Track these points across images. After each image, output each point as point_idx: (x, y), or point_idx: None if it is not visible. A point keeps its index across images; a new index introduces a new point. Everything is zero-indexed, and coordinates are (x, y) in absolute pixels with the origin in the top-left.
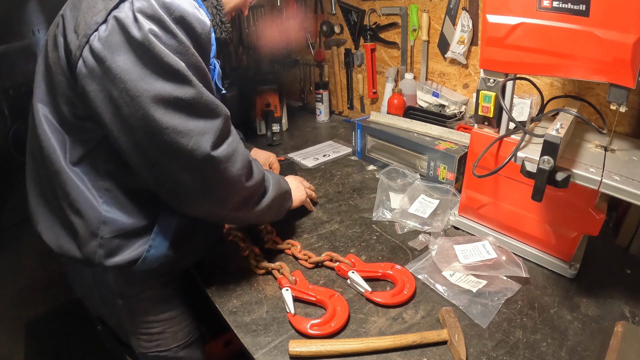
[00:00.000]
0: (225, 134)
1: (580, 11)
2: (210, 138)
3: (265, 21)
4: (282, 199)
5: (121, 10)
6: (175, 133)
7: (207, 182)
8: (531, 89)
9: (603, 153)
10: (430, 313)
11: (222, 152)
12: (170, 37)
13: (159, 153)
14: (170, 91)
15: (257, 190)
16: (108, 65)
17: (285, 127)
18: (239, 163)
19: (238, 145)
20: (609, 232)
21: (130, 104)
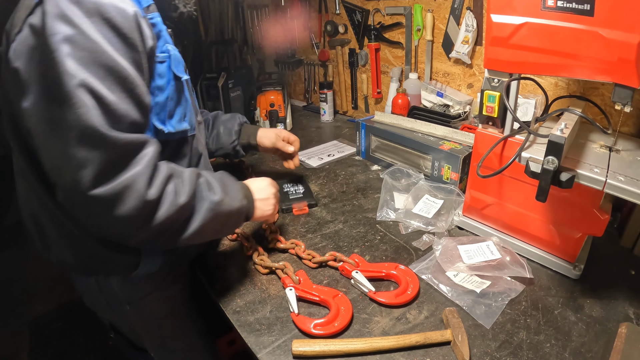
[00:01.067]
0: (116, 167)
1: (584, 11)
2: (91, 172)
3: (270, 21)
4: (222, 223)
5: (35, 15)
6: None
7: (95, 221)
8: (535, 89)
9: (608, 153)
10: (434, 313)
11: (106, 192)
12: (80, 36)
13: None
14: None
15: (170, 224)
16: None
17: (290, 126)
18: (131, 203)
19: (136, 180)
20: (614, 233)
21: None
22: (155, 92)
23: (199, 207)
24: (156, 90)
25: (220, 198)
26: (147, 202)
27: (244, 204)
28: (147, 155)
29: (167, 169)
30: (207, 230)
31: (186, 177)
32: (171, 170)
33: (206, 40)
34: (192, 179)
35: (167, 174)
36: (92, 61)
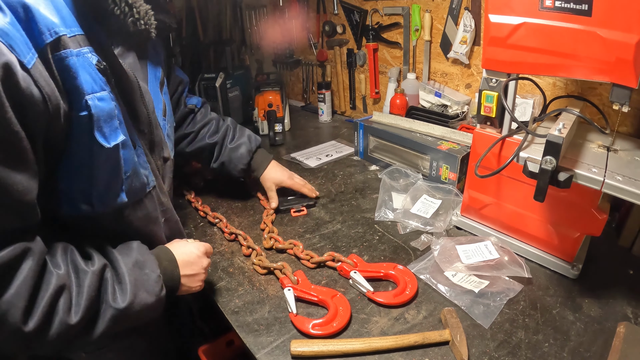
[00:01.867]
0: None
1: (582, 11)
2: None
3: (268, 21)
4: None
5: None
6: None
7: None
8: (534, 89)
9: (606, 153)
10: (433, 313)
11: None
12: None
13: None
14: None
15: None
16: None
17: (288, 127)
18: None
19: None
20: (612, 233)
21: None
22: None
23: (101, 316)
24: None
25: (129, 301)
26: (26, 334)
27: (162, 295)
28: (23, 273)
29: (56, 280)
30: (115, 331)
31: (84, 284)
32: (63, 278)
33: (204, 40)
34: (93, 284)
35: (56, 288)
36: None
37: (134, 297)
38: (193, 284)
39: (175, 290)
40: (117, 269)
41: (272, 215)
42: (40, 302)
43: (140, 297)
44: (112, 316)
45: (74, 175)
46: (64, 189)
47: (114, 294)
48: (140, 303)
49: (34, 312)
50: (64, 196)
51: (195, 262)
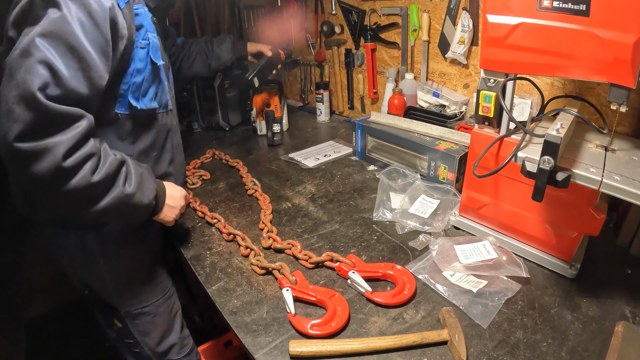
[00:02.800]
0: (42, 130)
1: (580, 11)
2: (19, 127)
3: (266, 21)
4: (127, 214)
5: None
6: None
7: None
8: (532, 89)
9: (603, 153)
10: (431, 313)
11: (26, 148)
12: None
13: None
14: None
15: (77, 196)
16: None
17: (286, 127)
18: (46, 165)
19: (56, 147)
20: (610, 232)
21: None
22: (134, 73)
23: (110, 192)
24: (135, 72)
25: (132, 191)
26: (61, 169)
27: (152, 204)
28: (76, 129)
29: (92, 148)
30: (111, 214)
31: (108, 161)
32: (97, 150)
33: None
34: (114, 165)
35: (91, 152)
36: (60, 39)
37: (136, 190)
38: (170, 214)
39: (158, 209)
40: (129, 169)
41: (270, 215)
42: (79, 153)
43: (139, 195)
44: (117, 197)
45: (133, 79)
46: (122, 91)
47: (124, 183)
48: (137, 199)
49: (73, 155)
50: (121, 98)
51: (177, 198)
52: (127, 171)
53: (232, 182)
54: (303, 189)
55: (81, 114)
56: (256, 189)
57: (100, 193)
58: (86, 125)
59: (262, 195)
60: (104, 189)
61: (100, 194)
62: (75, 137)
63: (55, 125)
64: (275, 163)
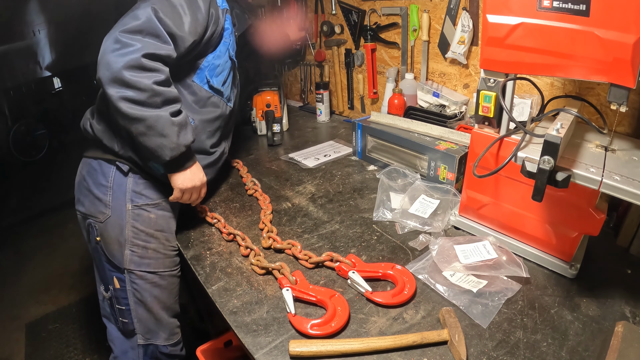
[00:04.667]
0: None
1: (580, 11)
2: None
3: (266, 21)
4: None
5: None
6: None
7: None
8: (531, 89)
9: (603, 153)
10: (431, 313)
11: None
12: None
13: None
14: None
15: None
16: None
17: (286, 127)
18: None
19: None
20: (610, 232)
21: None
22: (215, 57)
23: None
24: (216, 56)
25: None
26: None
27: (180, 148)
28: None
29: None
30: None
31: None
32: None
33: None
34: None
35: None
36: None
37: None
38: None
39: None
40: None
41: (270, 215)
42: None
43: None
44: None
45: (213, 62)
46: (203, 67)
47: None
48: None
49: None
50: (201, 72)
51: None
52: (180, 109)
53: (232, 182)
54: (303, 189)
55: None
56: (256, 189)
57: (150, 102)
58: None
59: (262, 195)
60: (155, 101)
61: (149, 102)
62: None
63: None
64: (275, 163)
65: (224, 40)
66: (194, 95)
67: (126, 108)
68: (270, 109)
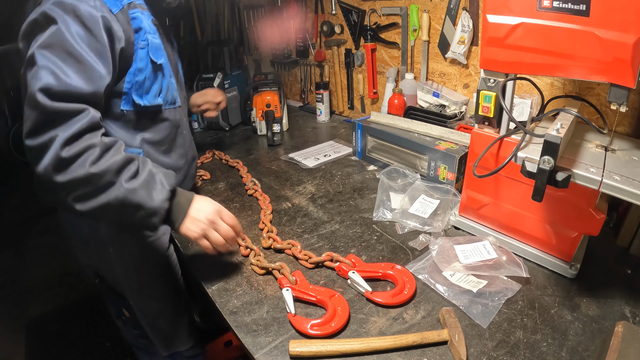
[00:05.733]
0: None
1: (580, 11)
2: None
3: (266, 21)
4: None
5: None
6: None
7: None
8: (531, 89)
9: (603, 153)
10: (431, 313)
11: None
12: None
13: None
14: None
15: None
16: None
17: (286, 127)
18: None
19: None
20: (610, 232)
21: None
22: (136, 72)
23: (111, 186)
24: (137, 71)
25: (133, 187)
26: (59, 158)
27: (162, 208)
28: (78, 122)
29: (95, 140)
30: (112, 210)
31: (115, 156)
32: (101, 143)
33: (202, 40)
34: (119, 160)
35: (92, 143)
36: (59, 48)
37: (138, 188)
38: (192, 227)
39: (175, 218)
40: (140, 167)
41: (270, 215)
42: (78, 143)
43: (143, 193)
44: (118, 191)
45: (135, 78)
46: (127, 89)
47: (131, 177)
48: (141, 198)
49: (72, 144)
50: (126, 95)
51: (207, 211)
52: (137, 169)
53: (232, 182)
54: (303, 189)
55: (82, 109)
56: (256, 189)
57: (100, 186)
58: (88, 119)
59: (262, 195)
60: (104, 181)
61: (100, 187)
62: (75, 129)
63: (57, 121)
64: (275, 163)
65: (139, 46)
66: (129, 122)
67: (81, 207)
68: (270, 109)
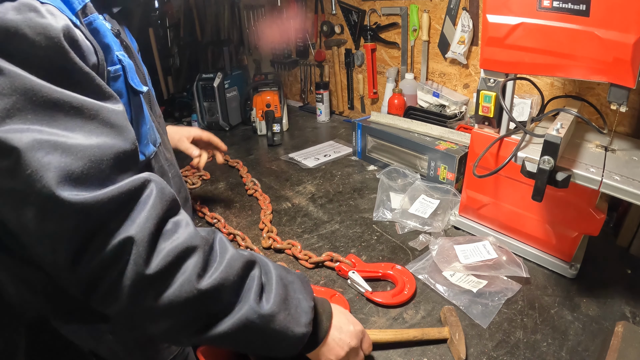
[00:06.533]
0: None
1: (580, 11)
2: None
3: (266, 21)
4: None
5: None
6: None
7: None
8: (531, 89)
9: (603, 153)
10: (431, 313)
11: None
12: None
13: None
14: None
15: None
16: None
17: (286, 127)
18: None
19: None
20: (610, 232)
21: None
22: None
23: (236, 309)
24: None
25: (271, 311)
26: (146, 277)
27: (307, 334)
28: (145, 207)
29: (190, 236)
30: (234, 343)
31: (226, 259)
32: (201, 240)
33: (202, 40)
34: (236, 265)
35: (188, 243)
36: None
37: (277, 311)
38: (330, 355)
39: (316, 344)
40: (268, 273)
41: (270, 215)
42: (165, 245)
43: (284, 317)
44: (247, 318)
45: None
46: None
47: (258, 293)
48: (281, 323)
49: (157, 251)
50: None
51: (347, 333)
52: (265, 277)
53: (232, 182)
54: (303, 189)
55: (140, 181)
56: (256, 189)
57: (218, 311)
58: (156, 192)
59: (262, 195)
60: (223, 304)
61: (217, 313)
62: (152, 220)
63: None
64: (275, 163)
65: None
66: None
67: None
68: (270, 109)
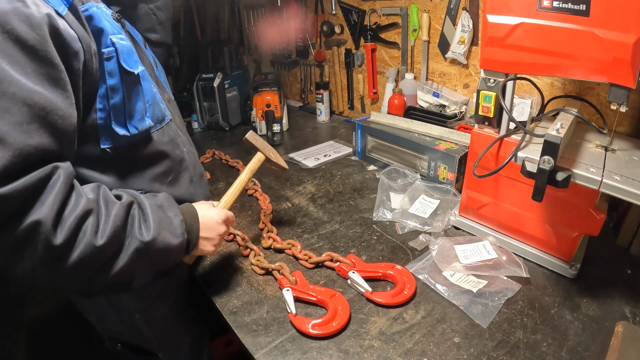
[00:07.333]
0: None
1: (580, 11)
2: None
3: (266, 21)
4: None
5: None
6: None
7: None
8: (531, 89)
9: (603, 153)
10: (431, 313)
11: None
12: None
13: None
14: None
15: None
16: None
17: (286, 127)
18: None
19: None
20: (610, 232)
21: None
22: (109, 94)
23: (126, 246)
24: (109, 91)
25: (152, 236)
26: (54, 247)
27: (184, 241)
28: (52, 191)
29: (85, 203)
30: (137, 269)
31: (112, 212)
32: (93, 203)
33: (202, 40)
34: (120, 213)
35: (85, 209)
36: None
37: (157, 234)
38: (207, 247)
39: (192, 245)
40: (142, 207)
41: (270, 215)
42: (67, 218)
43: (163, 235)
44: (136, 248)
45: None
46: (101, 121)
47: (140, 228)
48: (163, 241)
49: (61, 225)
50: (103, 129)
51: (214, 227)
52: (140, 214)
53: (232, 182)
54: (303, 189)
55: (47, 172)
56: (256, 189)
57: (114, 253)
58: (63, 178)
59: (262, 195)
60: (116, 247)
61: (115, 254)
62: (56, 201)
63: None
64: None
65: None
66: (115, 164)
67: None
68: (270, 109)
